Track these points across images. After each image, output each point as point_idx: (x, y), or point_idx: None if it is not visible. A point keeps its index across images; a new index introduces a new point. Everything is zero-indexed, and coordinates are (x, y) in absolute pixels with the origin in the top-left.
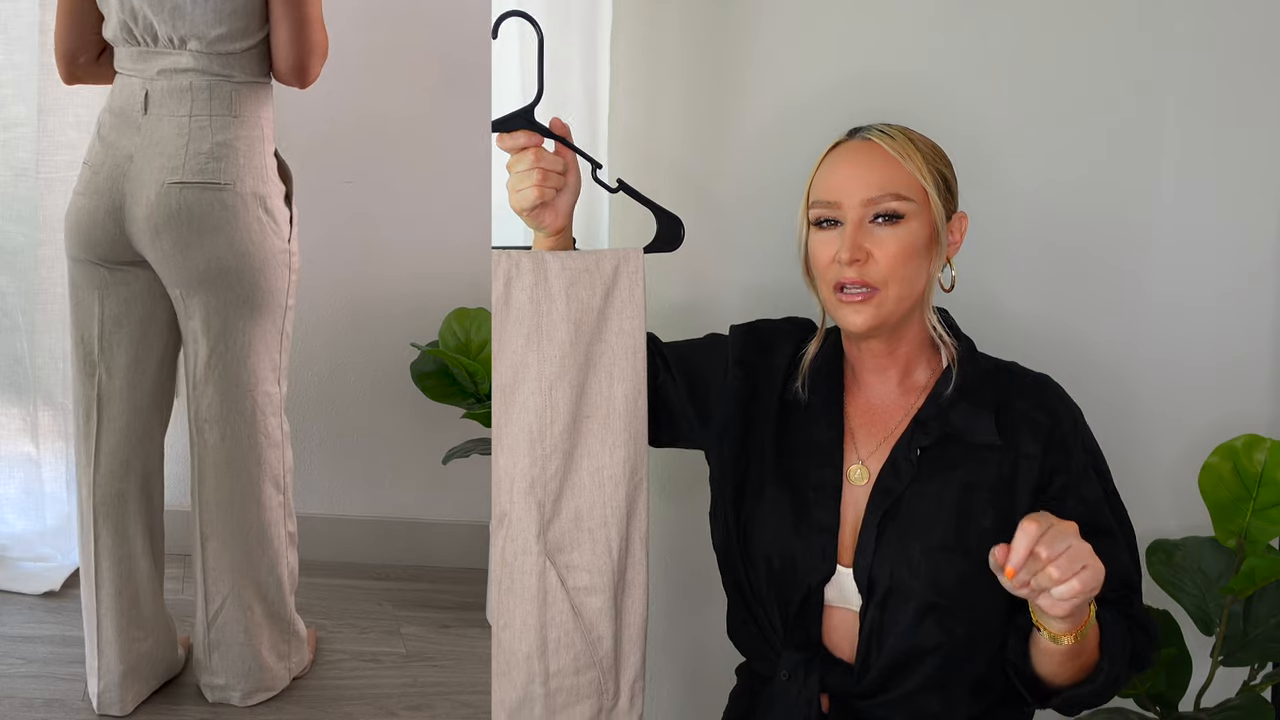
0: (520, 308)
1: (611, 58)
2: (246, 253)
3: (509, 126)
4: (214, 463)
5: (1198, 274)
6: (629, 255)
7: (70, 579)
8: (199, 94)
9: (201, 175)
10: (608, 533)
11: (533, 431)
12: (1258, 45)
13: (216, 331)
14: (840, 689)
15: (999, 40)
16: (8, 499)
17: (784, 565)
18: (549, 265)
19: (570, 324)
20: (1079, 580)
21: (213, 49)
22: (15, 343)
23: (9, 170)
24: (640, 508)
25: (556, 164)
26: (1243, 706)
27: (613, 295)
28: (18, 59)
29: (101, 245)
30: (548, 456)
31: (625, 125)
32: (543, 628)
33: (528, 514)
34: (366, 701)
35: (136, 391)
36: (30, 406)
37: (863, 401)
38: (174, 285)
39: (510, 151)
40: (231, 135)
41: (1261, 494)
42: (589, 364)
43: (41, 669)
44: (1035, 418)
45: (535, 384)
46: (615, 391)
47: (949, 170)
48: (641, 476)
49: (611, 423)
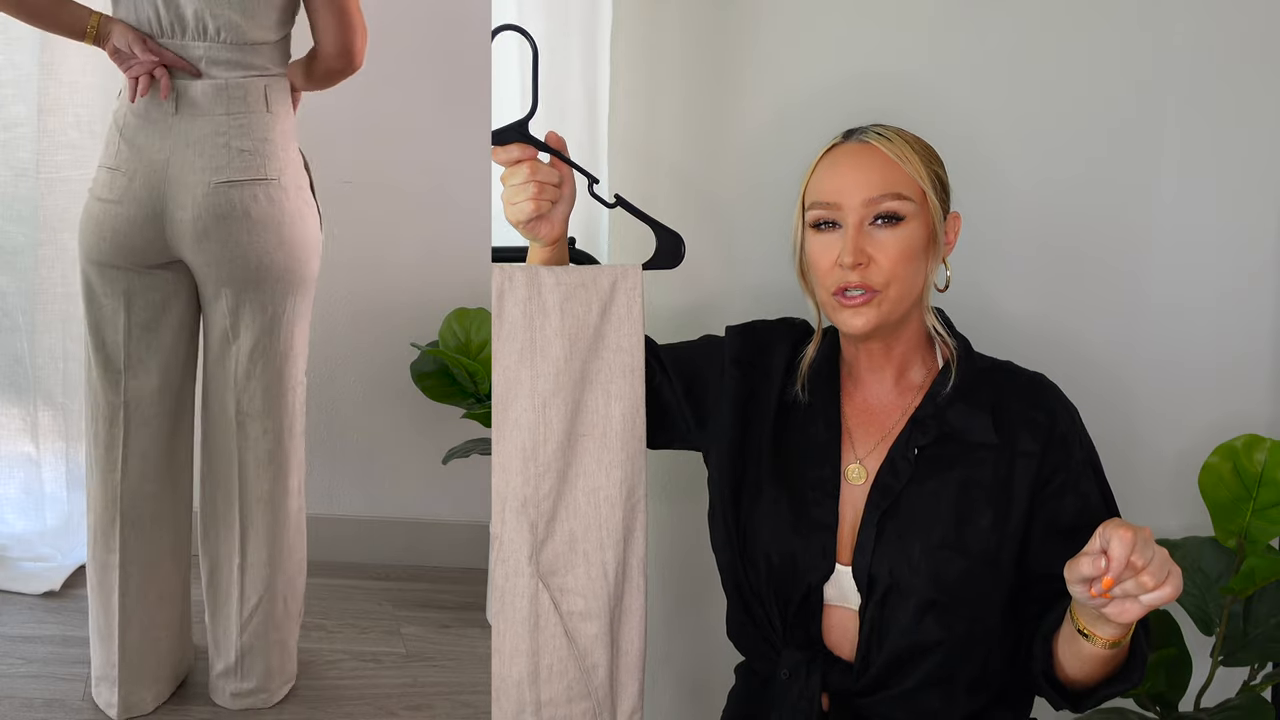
0: (513, 322)
1: (611, 59)
2: (294, 244)
3: (504, 140)
4: (256, 458)
5: (1197, 274)
6: (627, 272)
7: (70, 579)
8: (234, 90)
9: (247, 173)
10: (603, 556)
11: (525, 449)
12: (1258, 45)
13: (263, 325)
14: (840, 687)
15: (998, 40)
16: (8, 499)
17: (783, 564)
18: (543, 280)
19: (565, 340)
20: (1170, 585)
21: (244, 41)
22: (15, 343)
23: (9, 170)
24: (638, 531)
25: (552, 176)
26: (1243, 706)
27: (610, 311)
28: (18, 59)
29: (138, 251)
30: (540, 475)
31: (625, 125)
32: (534, 654)
33: (519, 534)
34: (366, 701)
35: (167, 394)
36: (30, 406)
37: (860, 401)
38: (217, 283)
39: (505, 165)
40: (269, 129)
41: (1261, 494)
42: (585, 381)
43: (41, 669)
44: (1033, 417)
45: (528, 400)
46: (612, 410)
47: (943, 170)
48: (639, 498)
49: (608, 442)
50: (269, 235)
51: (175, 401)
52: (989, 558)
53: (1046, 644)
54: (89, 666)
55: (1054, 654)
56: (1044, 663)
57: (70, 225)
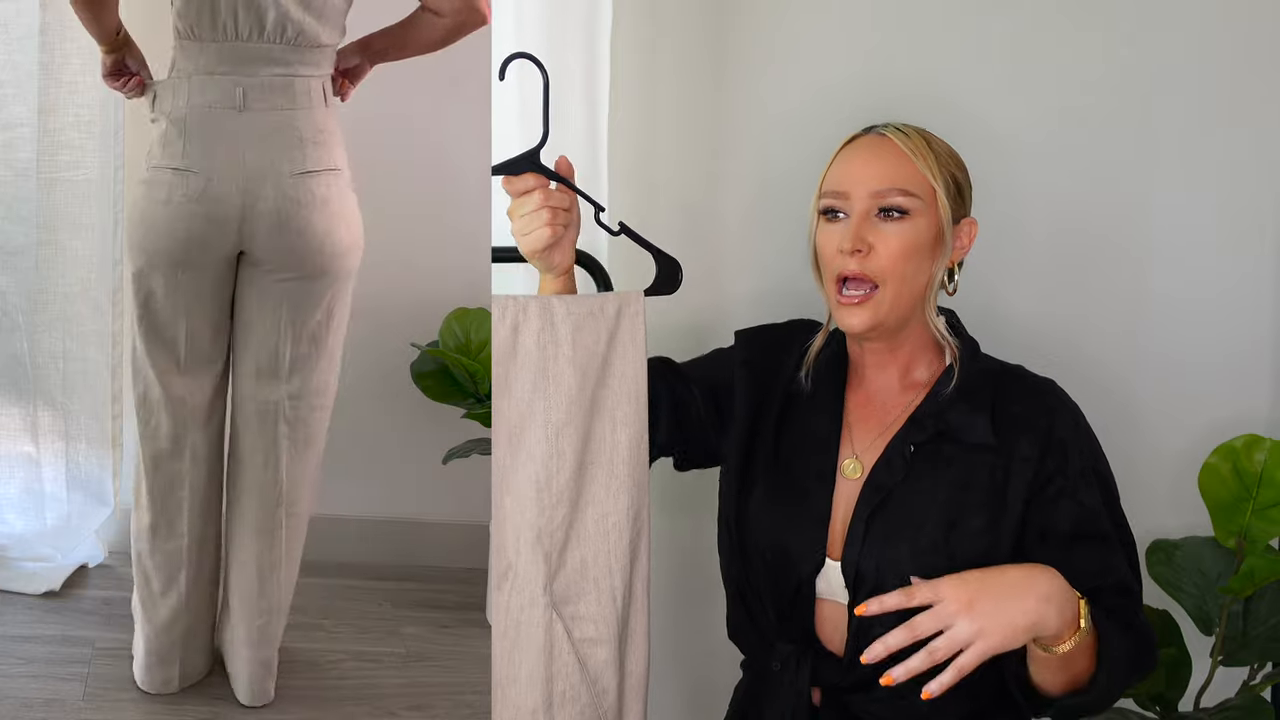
0: (527, 353)
1: (611, 59)
2: (354, 231)
3: (515, 170)
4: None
5: (1198, 274)
6: (630, 298)
7: (70, 579)
8: (299, 85)
9: (320, 164)
10: (612, 581)
11: (539, 480)
12: (1258, 46)
13: (324, 313)
14: (831, 682)
15: (999, 43)
16: (8, 499)
17: (776, 556)
18: (555, 310)
19: (577, 369)
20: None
21: (314, 44)
22: (15, 343)
23: (9, 170)
24: (642, 554)
25: (564, 201)
26: (1242, 706)
27: (615, 339)
28: (18, 59)
29: (212, 248)
30: (554, 505)
31: (625, 123)
32: (549, 681)
33: (534, 565)
34: (366, 701)
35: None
36: (30, 406)
37: (863, 396)
38: (284, 271)
39: (515, 195)
40: (329, 123)
41: (1261, 494)
42: (594, 409)
43: (41, 669)
44: (1033, 421)
45: (542, 431)
46: (619, 437)
47: (963, 175)
48: (644, 522)
49: (616, 469)
50: (340, 223)
51: (220, 389)
52: (978, 561)
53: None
54: (89, 666)
55: (1025, 659)
56: (1014, 664)
57: (70, 225)
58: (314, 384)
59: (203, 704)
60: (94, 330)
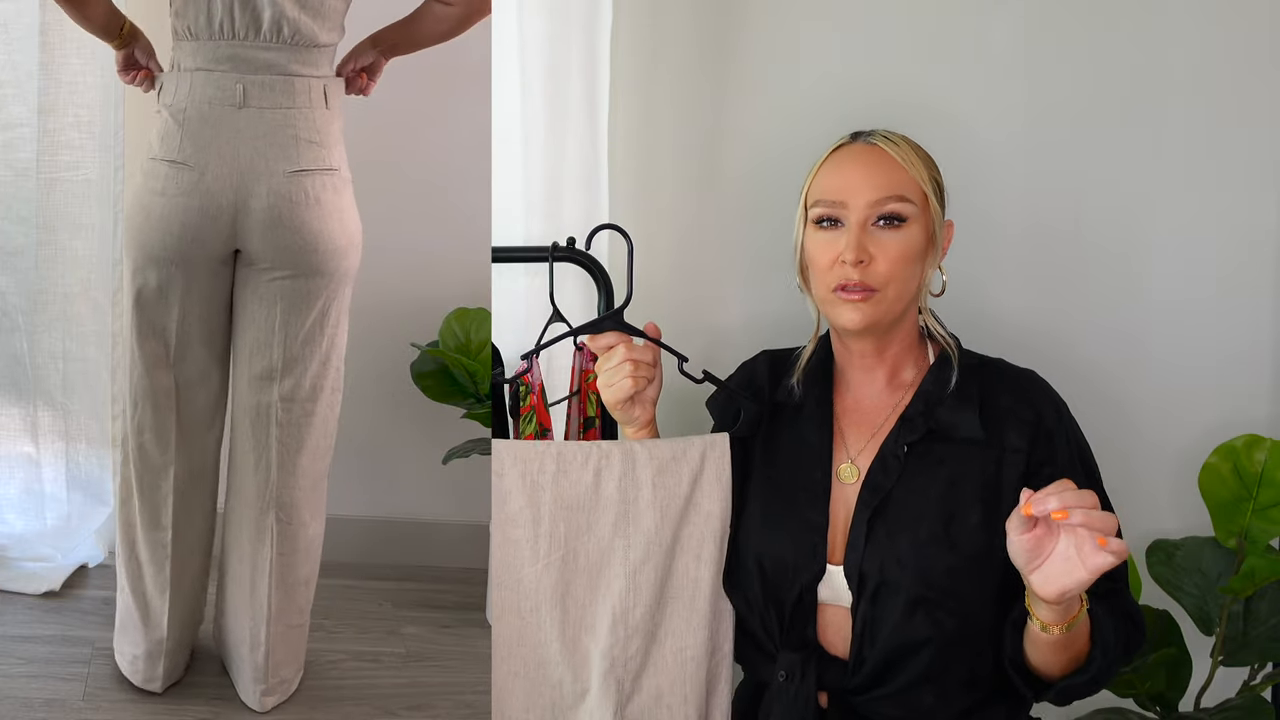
0: (608, 497)
1: (612, 59)
2: (352, 234)
3: (600, 329)
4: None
5: (1197, 274)
6: (715, 441)
7: (70, 579)
8: (299, 85)
9: (317, 163)
10: (687, 710)
11: (615, 612)
12: (1258, 45)
13: (319, 315)
14: (837, 686)
15: (998, 41)
16: (8, 499)
17: (775, 567)
18: (637, 455)
19: (656, 511)
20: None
21: (312, 44)
22: (15, 343)
23: (9, 170)
24: (722, 683)
25: (646, 354)
26: (1243, 706)
27: (700, 480)
28: (18, 59)
29: (206, 243)
30: (629, 637)
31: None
32: None
33: (605, 693)
34: (366, 701)
35: (210, 380)
36: (30, 406)
37: (851, 401)
38: (278, 270)
39: (600, 351)
40: (329, 124)
41: (1261, 494)
42: (675, 547)
43: (41, 669)
44: (1020, 412)
45: (620, 568)
46: (702, 574)
47: (941, 177)
48: (725, 653)
49: (696, 604)
50: (334, 223)
51: (219, 386)
52: (978, 554)
53: (1016, 632)
54: (89, 666)
55: (1022, 643)
56: (1012, 650)
57: (70, 225)
58: (306, 387)
59: (203, 704)
60: (94, 330)
